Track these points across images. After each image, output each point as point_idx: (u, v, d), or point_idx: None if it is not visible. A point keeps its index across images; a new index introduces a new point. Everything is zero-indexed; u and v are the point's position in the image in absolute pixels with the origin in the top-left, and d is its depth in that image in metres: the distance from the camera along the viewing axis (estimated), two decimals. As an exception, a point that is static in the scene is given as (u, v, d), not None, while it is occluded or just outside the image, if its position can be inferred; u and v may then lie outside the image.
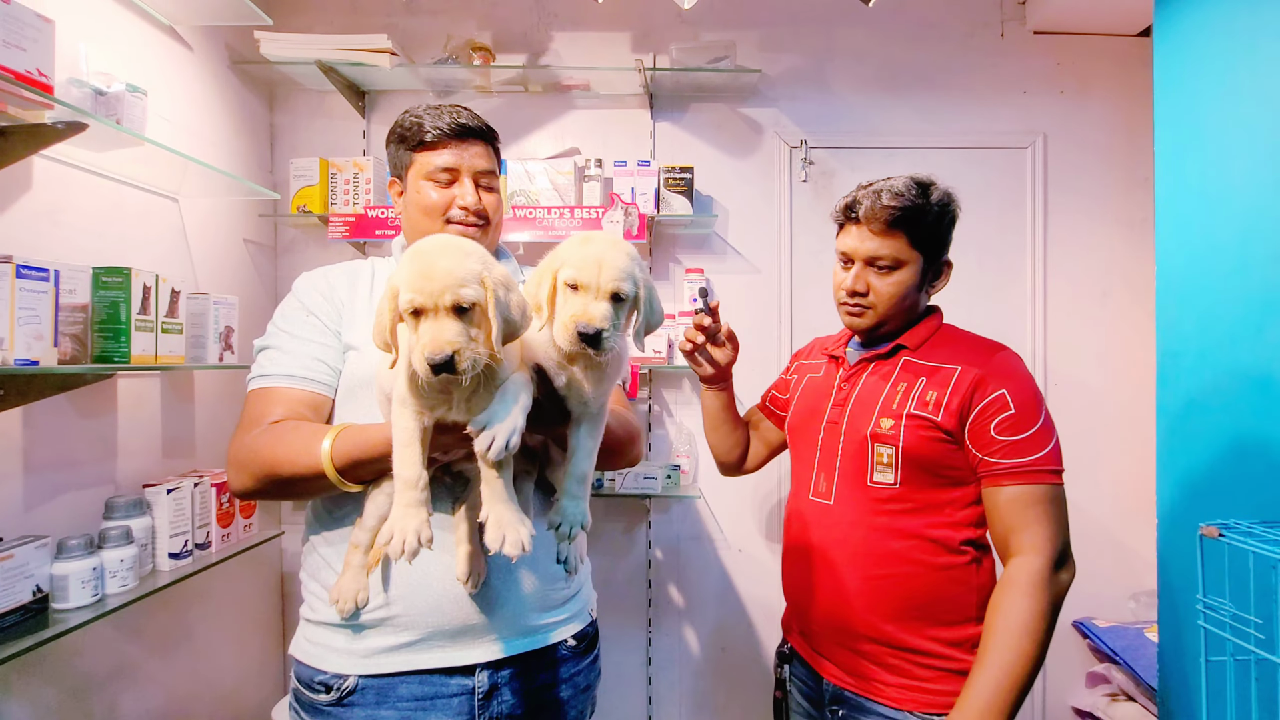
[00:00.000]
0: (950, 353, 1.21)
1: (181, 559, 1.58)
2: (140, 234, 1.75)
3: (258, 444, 0.99)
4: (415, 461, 0.86)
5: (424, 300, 0.78)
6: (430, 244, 0.82)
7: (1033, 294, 2.34)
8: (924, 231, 1.19)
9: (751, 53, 2.34)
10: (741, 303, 2.35)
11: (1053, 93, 2.35)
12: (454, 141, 1.13)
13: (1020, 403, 1.13)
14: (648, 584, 2.34)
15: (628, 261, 0.89)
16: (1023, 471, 1.12)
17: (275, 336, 1.10)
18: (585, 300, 0.86)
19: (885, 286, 1.21)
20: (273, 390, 1.06)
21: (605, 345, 0.85)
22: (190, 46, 1.96)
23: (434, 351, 0.75)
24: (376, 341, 0.85)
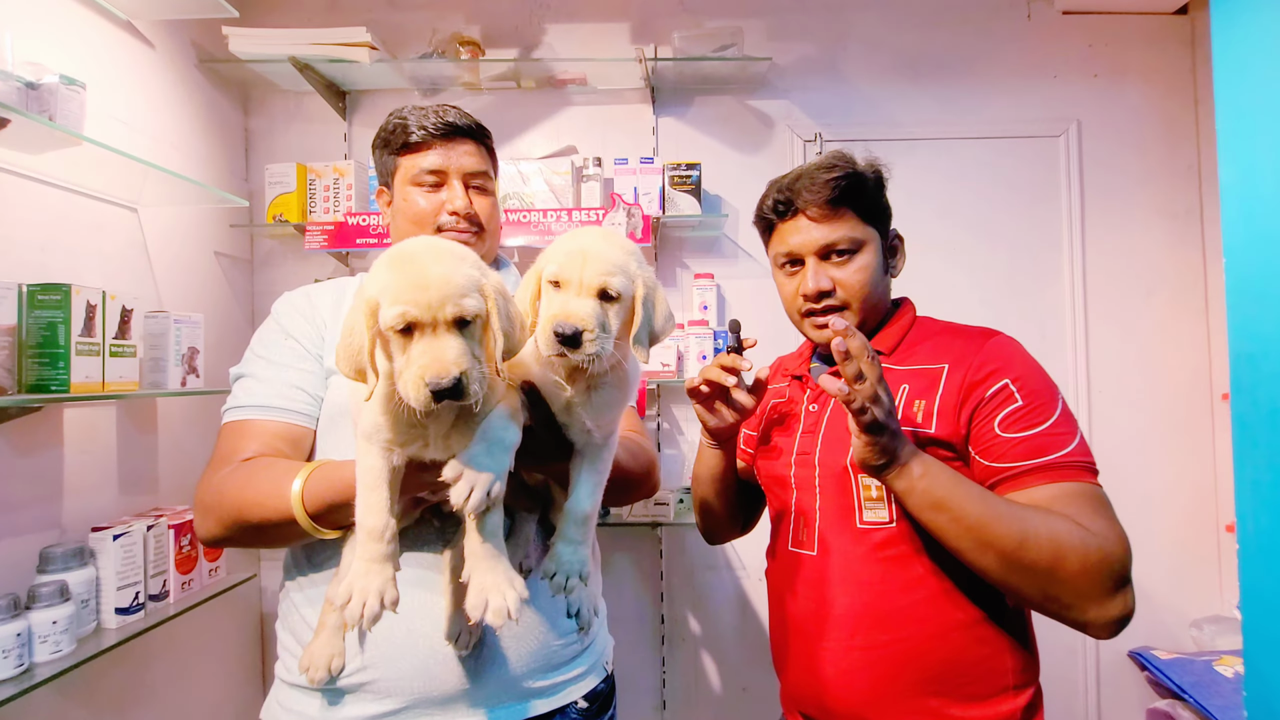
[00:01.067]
0: (932, 349, 1.02)
1: (132, 614, 1.39)
2: (92, 247, 1.58)
3: (225, 485, 0.89)
4: (381, 508, 0.73)
5: (419, 313, 0.66)
6: (416, 247, 0.71)
7: (1071, 294, 2.16)
8: (869, 201, 1.03)
9: (760, 41, 2.17)
10: (754, 311, 2.17)
11: (1085, 77, 2.18)
12: (440, 141, 1.04)
13: (1029, 392, 0.92)
14: (660, 619, 2.14)
15: (619, 254, 0.78)
16: (1050, 468, 0.89)
17: (251, 363, 1.00)
18: (566, 298, 0.75)
19: (852, 276, 1.01)
20: (246, 424, 0.95)
21: (588, 349, 0.73)
22: (151, 44, 1.80)
23: (438, 375, 0.64)
24: (345, 369, 0.71)
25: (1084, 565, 0.83)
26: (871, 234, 1.03)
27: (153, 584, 1.45)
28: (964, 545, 0.86)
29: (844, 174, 1.00)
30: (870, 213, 1.03)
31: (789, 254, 1.05)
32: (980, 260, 2.17)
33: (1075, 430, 0.93)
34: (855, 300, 1.02)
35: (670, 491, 2.01)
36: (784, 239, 1.05)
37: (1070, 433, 0.92)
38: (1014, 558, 0.83)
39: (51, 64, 1.43)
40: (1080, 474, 0.90)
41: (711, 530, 1.29)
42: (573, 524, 0.84)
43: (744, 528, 1.30)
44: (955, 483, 0.87)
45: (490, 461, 0.72)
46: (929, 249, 2.07)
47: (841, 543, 0.99)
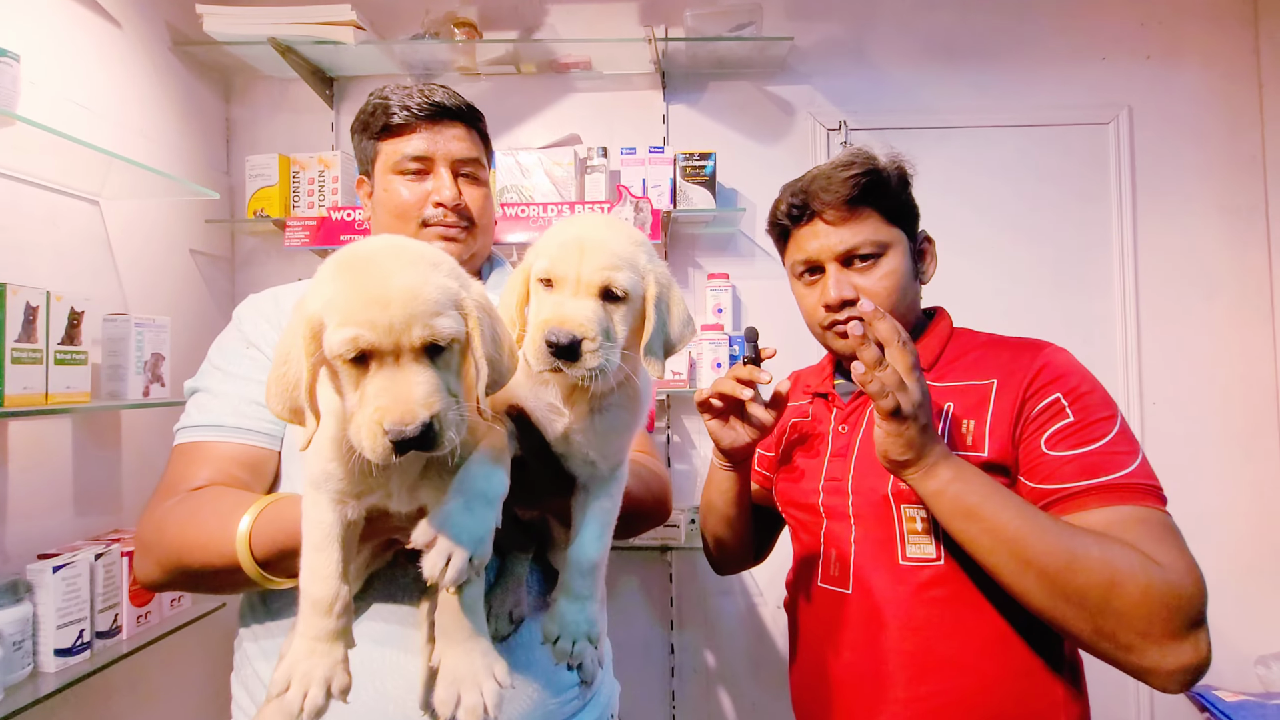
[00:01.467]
0: (977, 363, 0.92)
1: (74, 655, 1.24)
2: (44, 242, 1.43)
3: (166, 521, 0.78)
4: (330, 572, 0.59)
5: (377, 338, 0.52)
6: (374, 249, 0.56)
7: (1121, 296, 1.96)
8: (893, 200, 0.94)
9: (780, 20, 2.00)
10: (774, 315, 2.00)
11: (1137, 58, 1.99)
12: (426, 124, 0.94)
13: (1083, 407, 0.83)
14: (670, 649, 1.96)
15: (625, 244, 0.64)
16: (1107, 490, 0.78)
17: (207, 376, 0.88)
18: (561, 298, 0.62)
19: (878, 283, 0.93)
20: (199, 446, 0.84)
21: (589, 362, 0.59)
22: (118, 22, 1.66)
23: (401, 419, 0.51)
24: (277, 407, 0.56)
25: (1145, 596, 0.71)
26: (897, 236, 0.94)
27: (102, 619, 1.30)
28: (1000, 563, 0.76)
29: (863, 171, 0.91)
30: (895, 213, 0.94)
31: (807, 261, 0.96)
32: (1020, 262, 1.98)
33: (1136, 450, 0.82)
34: (883, 309, 0.89)
35: (681, 511, 1.84)
36: (801, 245, 0.96)
37: (1130, 452, 0.81)
38: (1060, 581, 0.72)
39: (6, 42, 1.29)
40: (1143, 497, 0.78)
41: (722, 560, 1.18)
42: (577, 575, 0.70)
43: (757, 557, 1.19)
44: (992, 490, 0.77)
45: (471, 521, 0.57)
46: (963, 250, 1.89)
47: (881, 581, 0.88)
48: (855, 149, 0.96)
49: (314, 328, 0.53)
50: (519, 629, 0.82)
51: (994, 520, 0.75)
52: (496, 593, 0.81)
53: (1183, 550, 0.75)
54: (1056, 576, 0.72)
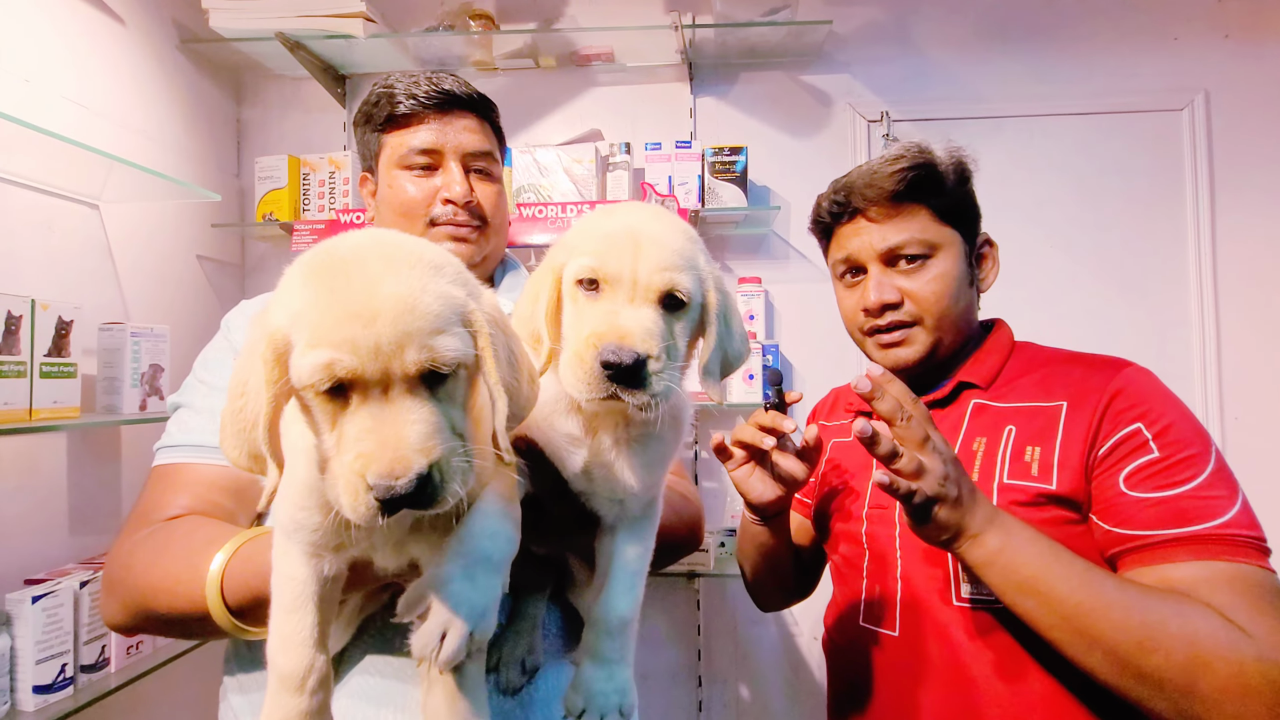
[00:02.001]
0: (1044, 382, 0.83)
1: (56, 692, 1.15)
2: (36, 249, 1.36)
3: (134, 557, 0.70)
4: (303, 640, 0.50)
5: (360, 364, 0.41)
6: (357, 249, 0.45)
7: (1199, 301, 1.78)
8: (949, 198, 0.85)
9: (816, 6, 1.86)
10: (809, 320, 1.86)
11: (1214, 38, 1.81)
12: (434, 114, 0.87)
13: (1170, 441, 0.73)
14: (698, 682, 1.82)
15: (683, 240, 0.54)
16: (1198, 541, 0.69)
17: (191, 390, 0.82)
18: (613, 306, 0.51)
19: (925, 286, 0.85)
20: (176, 469, 0.77)
21: (654, 387, 0.49)
22: (121, 20, 1.59)
23: (390, 471, 0.40)
24: (232, 453, 0.46)
25: (1237, 678, 0.62)
26: (950, 236, 0.86)
27: (87, 651, 1.21)
28: (1064, 639, 0.68)
29: (912, 164, 0.84)
30: (949, 211, 0.86)
31: (848, 260, 0.89)
32: (1082, 264, 1.81)
33: (1234, 494, 0.72)
34: (928, 315, 0.85)
35: (710, 534, 1.70)
36: (842, 244, 0.89)
37: (1227, 497, 0.71)
38: (1132, 662, 0.65)
39: None
40: (1239, 551, 0.68)
41: (762, 601, 1.10)
42: (605, 636, 0.61)
43: (802, 595, 1.08)
44: (1050, 556, 0.69)
45: (471, 591, 0.47)
46: (1018, 251, 1.72)
47: (932, 623, 0.80)
48: (908, 142, 0.88)
49: (278, 349, 0.42)
50: (534, 680, 0.71)
51: (1053, 593, 0.67)
52: (509, 637, 0.71)
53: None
54: (1129, 656, 0.65)
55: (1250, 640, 0.63)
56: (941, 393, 0.87)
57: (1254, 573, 0.67)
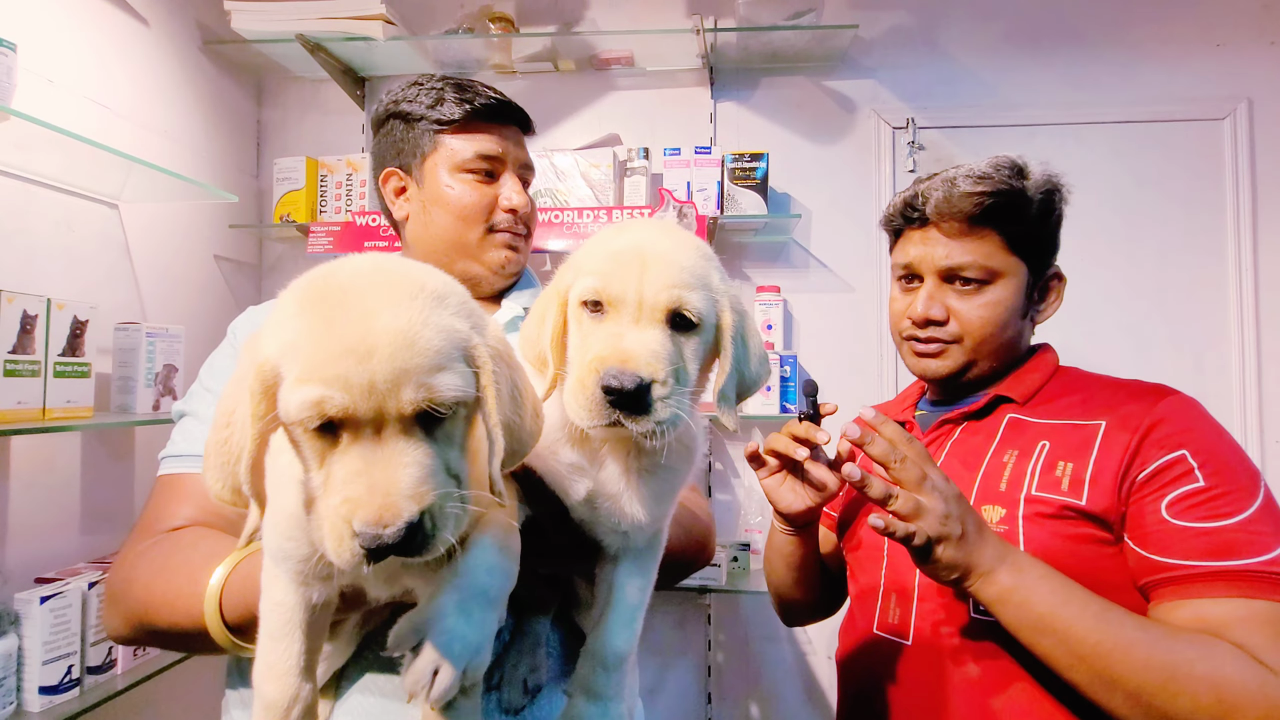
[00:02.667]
0: (1084, 402, 0.82)
1: (62, 693, 1.14)
2: (55, 248, 1.36)
3: (136, 571, 0.70)
4: (289, 668, 0.48)
5: (352, 402, 0.38)
6: (355, 276, 0.42)
7: (1239, 318, 1.70)
8: (1026, 228, 0.84)
9: (841, 9, 1.82)
10: (829, 331, 1.81)
11: (1260, 44, 1.74)
12: (495, 124, 0.89)
13: (1215, 471, 0.71)
14: (707, 699, 1.78)
15: (694, 257, 0.52)
16: (1238, 577, 0.67)
17: (196, 398, 0.81)
18: (618, 328, 0.49)
19: (974, 310, 0.84)
20: (181, 479, 0.76)
21: (660, 414, 0.47)
22: (145, 21, 1.60)
23: (378, 519, 0.38)
24: (214, 485, 0.45)
25: (1251, 703, 0.60)
26: (1016, 266, 0.85)
27: (94, 653, 1.20)
28: (1082, 680, 0.66)
29: (996, 190, 0.81)
30: (1022, 241, 0.84)
31: (908, 267, 0.89)
32: (1117, 278, 1.74)
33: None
34: (969, 338, 0.85)
35: (722, 549, 1.67)
36: (906, 249, 0.89)
37: (1274, 535, 0.69)
38: (1155, 704, 0.63)
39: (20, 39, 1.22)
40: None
41: (788, 615, 1.09)
42: (600, 670, 0.59)
43: (828, 611, 1.08)
44: (1065, 595, 0.68)
45: (466, 628, 0.45)
46: (1054, 259, 1.66)
47: (948, 634, 0.78)
48: (1005, 158, 0.85)
49: (266, 381, 0.40)
50: (535, 700, 0.69)
51: (1070, 631, 0.66)
52: (510, 656, 0.69)
53: None
54: (1152, 699, 0.63)
55: (1277, 681, 0.61)
56: (977, 405, 0.87)
57: None
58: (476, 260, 0.88)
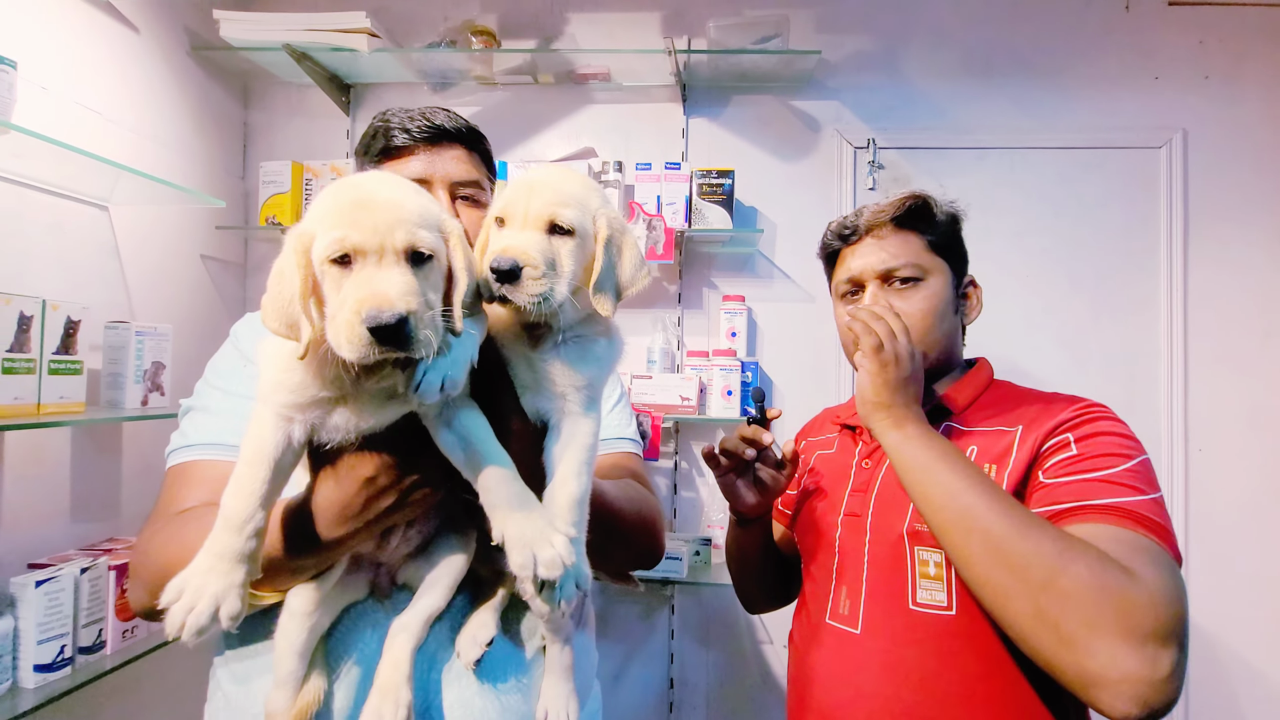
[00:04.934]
0: (1008, 411, 0.90)
1: (55, 670, 1.22)
2: (47, 250, 1.42)
3: (153, 544, 0.76)
4: (252, 490, 0.58)
5: (361, 238, 0.54)
6: (365, 176, 0.61)
7: (1168, 334, 1.83)
8: (940, 234, 0.97)
9: (807, 33, 1.92)
10: (791, 338, 1.91)
11: (1194, 78, 1.86)
12: (425, 146, 0.93)
13: (1090, 444, 0.80)
14: (669, 683, 1.89)
15: (575, 187, 0.67)
16: (1101, 510, 0.73)
17: (203, 395, 0.87)
18: (510, 232, 0.65)
19: (913, 305, 0.93)
20: (193, 466, 0.82)
21: (529, 288, 0.61)
22: (135, 28, 1.65)
23: (378, 307, 0.51)
24: (273, 323, 0.57)
25: (1097, 581, 0.65)
26: (939, 265, 0.96)
27: (85, 634, 1.28)
28: (946, 522, 0.75)
29: (912, 198, 0.96)
30: (940, 246, 0.97)
31: (851, 280, 0.98)
32: (1057, 294, 1.86)
33: (1152, 489, 0.76)
34: (915, 333, 0.91)
35: (685, 542, 1.77)
36: (846, 264, 0.99)
37: (1141, 488, 0.75)
38: (1004, 547, 0.69)
39: (15, 48, 1.28)
40: (1143, 524, 0.71)
41: (749, 602, 1.20)
42: (554, 508, 0.65)
43: (784, 599, 1.17)
44: (956, 456, 0.78)
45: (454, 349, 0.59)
46: (996, 280, 1.77)
47: (891, 625, 0.86)
48: (909, 190, 0.99)
49: (305, 242, 0.56)
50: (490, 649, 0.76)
51: (948, 478, 0.75)
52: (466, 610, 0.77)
53: (1171, 577, 0.67)
54: (1002, 541, 0.69)
55: (1121, 566, 0.66)
56: None
57: (1149, 544, 0.69)
58: None
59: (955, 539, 0.74)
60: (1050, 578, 0.66)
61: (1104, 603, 0.64)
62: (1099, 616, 0.63)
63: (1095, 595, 0.64)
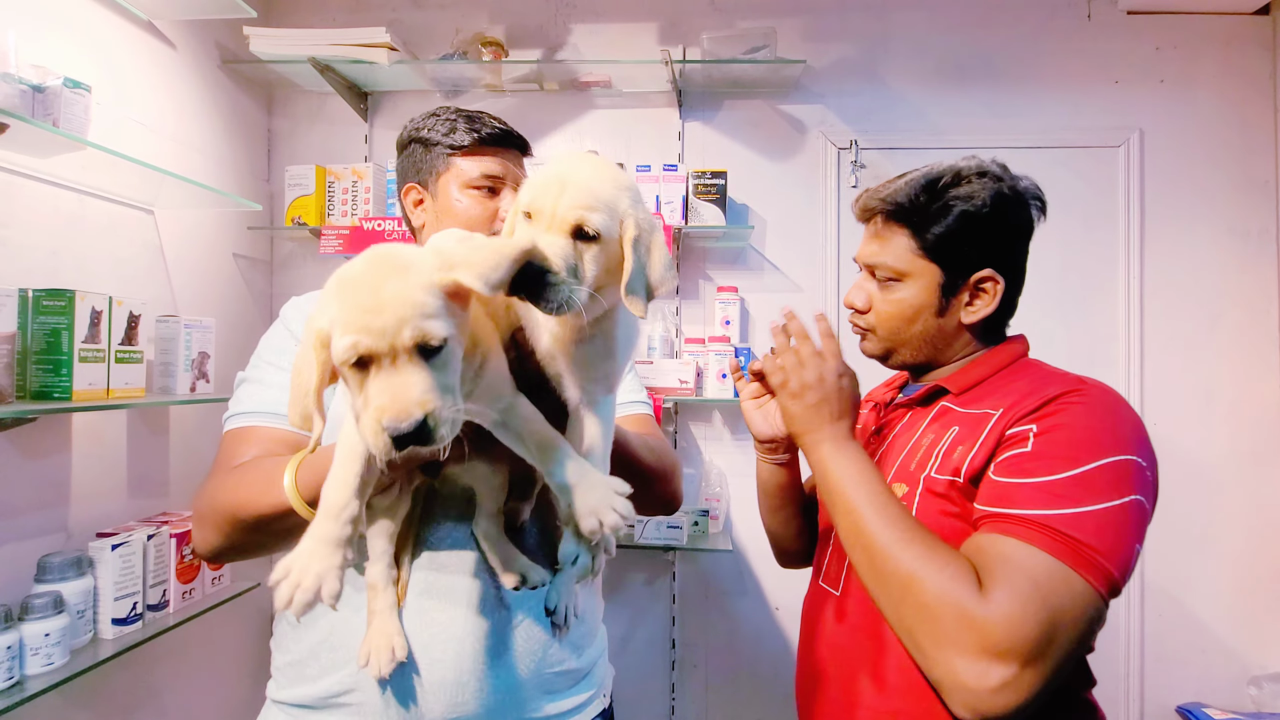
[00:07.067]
0: (1009, 393, 0.83)
1: (129, 625, 1.38)
2: (105, 250, 1.57)
3: (216, 491, 0.84)
4: (349, 483, 0.63)
5: (373, 342, 0.55)
6: (363, 265, 0.60)
7: (1126, 320, 1.99)
8: (939, 233, 0.87)
9: (794, 42, 2.06)
10: (781, 325, 2.07)
11: (1150, 82, 2.01)
12: (498, 149, 1.03)
13: (1053, 443, 0.73)
14: (671, 644, 2.06)
15: (606, 186, 0.65)
16: (1008, 520, 0.71)
17: (257, 369, 0.95)
18: (536, 232, 0.63)
19: (882, 304, 0.92)
20: (248, 430, 0.90)
21: (550, 296, 0.61)
22: (173, 44, 1.79)
23: (397, 417, 0.54)
24: (293, 417, 0.62)
25: (938, 600, 0.68)
26: (924, 269, 0.88)
27: (152, 594, 1.44)
28: (844, 534, 0.79)
29: (900, 197, 0.87)
30: (933, 246, 0.87)
31: (856, 259, 0.97)
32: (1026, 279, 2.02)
33: (1095, 500, 0.69)
34: (880, 329, 0.93)
35: (685, 514, 1.93)
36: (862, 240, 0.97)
37: (1078, 498, 0.69)
38: (875, 563, 0.74)
39: (71, 66, 1.42)
40: (1049, 539, 0.68)
41: (779, 553, 1.15)
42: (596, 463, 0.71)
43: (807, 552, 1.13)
44: (861, 473, 0.80)
45: None
46: (970, 266, 1.93)
47: (864, 589, 0.85)
48: (933, 169, 0.91)
49: (323, 339, 0.58)
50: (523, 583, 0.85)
51: (851, 493, 0.78)
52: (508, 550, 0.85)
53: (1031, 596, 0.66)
54: (874, 557, 0.74)
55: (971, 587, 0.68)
56: (917, 394, 0.94)
57: (1048, 564, 0.67)
58: None
59: (849, 550, 0.78)
60: (906, 590, 0.71)
61: (943, 618, 0.68)
62: (938, 629, 0.68)
63: (938, 610, 0.68)
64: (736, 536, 2.06)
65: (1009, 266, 0.92)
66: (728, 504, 2.06)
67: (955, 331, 0.92)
